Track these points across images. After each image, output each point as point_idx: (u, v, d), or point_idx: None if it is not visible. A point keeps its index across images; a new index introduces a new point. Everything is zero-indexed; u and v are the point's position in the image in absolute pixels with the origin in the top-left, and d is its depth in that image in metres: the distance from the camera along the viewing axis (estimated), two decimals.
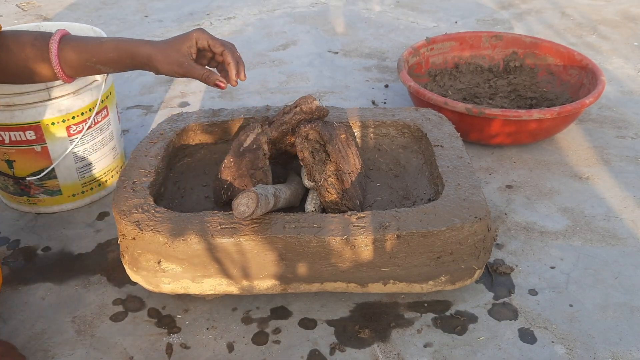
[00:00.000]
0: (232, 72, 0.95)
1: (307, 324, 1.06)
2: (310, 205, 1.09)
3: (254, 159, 1.09)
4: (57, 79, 0.95)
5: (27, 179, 1.29)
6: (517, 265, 1.18)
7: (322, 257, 0.97)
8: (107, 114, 1.35)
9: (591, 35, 2.35)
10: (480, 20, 2.53)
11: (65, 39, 0.93)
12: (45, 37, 0.93)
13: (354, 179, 1.10)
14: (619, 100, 1.84)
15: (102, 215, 1.34)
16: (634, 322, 1.05)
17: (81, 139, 1.29)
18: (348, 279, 1.00)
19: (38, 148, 1.25)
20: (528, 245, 1.24)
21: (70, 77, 0.96)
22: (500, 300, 1.10)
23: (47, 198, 1.33)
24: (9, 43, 0.92)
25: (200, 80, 0.94)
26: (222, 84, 0.94)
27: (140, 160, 1.14)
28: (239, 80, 0.96)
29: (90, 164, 1.33)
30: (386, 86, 1.94)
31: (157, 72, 0.94)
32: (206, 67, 0.99)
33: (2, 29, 0.95)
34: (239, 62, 0.96)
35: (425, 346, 1.01)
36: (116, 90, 1.63)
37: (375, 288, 1.02)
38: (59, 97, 1.21)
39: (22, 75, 0.95)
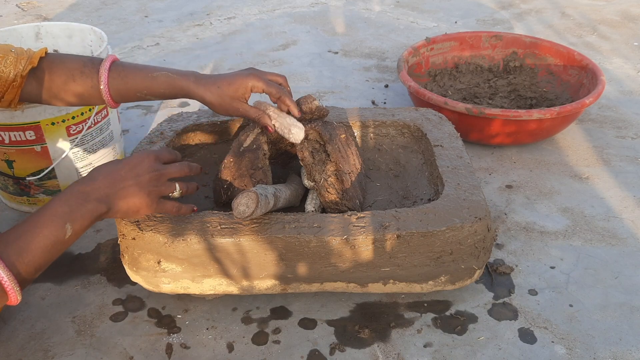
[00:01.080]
0: (295, 112, 1.04)
1: (307, 324, 1.06)
2: (310, 205, 1.09)
3: (254, 159, 1.09)
4: (104, 104, 0.97)
5: (27, 179, 1.29)
6: (517, 265, 1.18)
7: (322, 257, 0.97)
8: (107, 114, 1.35)
9: (591, 35, 2.35)
10: (480, 20, 2.53)
11: (116, 66, 0.94)
12: (95, 63, 0.94)
13: (354, 179, 1.10)
14: (618, 100, 1.84)
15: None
16: (634, 322, 1.05)
17: (81, 139, 1.29)
18: (348, 279, 1.00)
19: (38, 148, 1.25)
20: (528, 245, 1.24)
21: (117, 103, 0.98)
22: (500, 300, 1.10)
23: (47, 198, 1.33)
24: (55, 68, 0.93)
25: (253, 121, 1.02)
26: (271, 129, 1.03)
27: None
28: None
29: (90, 164, 1.33)
30: (386, 86, 1.94)
31: (211, 109, 0.99)
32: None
33: (48, 52, 0.95)
34: (291, 100, 1.03)
35: (425, 346, 1.01)
36: None
37: (375, 288, 1.02)
38: None
39: (67, 99, 0.96)
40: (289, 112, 1.05)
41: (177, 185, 0.87)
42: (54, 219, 0.74)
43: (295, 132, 1.04)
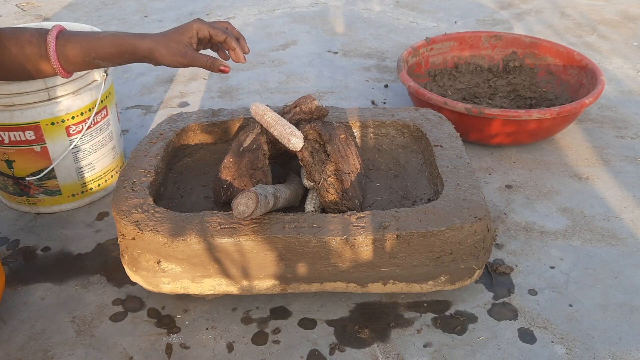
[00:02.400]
0: (240, 55, 0.97)
1: (307, 324, 1.06)
2: (310, 205, 1.09)
3: (254, 159, 1.09)
4: (56, 74, 0.96)
5: (27, 179, 1.29)
6: (516, 265, 1.18)
7: (322, 257, 0.97)
8: (107, 114, 1.35)
9: (591, 35, 2.35)
10: (480, 20, 2.53)
11: (63, 34, 0.94)
12: (43, 33, 0.93)
13: (353, 179, 1.10)
14: (618, 100, 1.84)
15: (102, 215, 1.34)
16: (634, 322, 1.05)
17: (81, 139, 1.29)
18: (348, 279, 1.00)
19: (38, 148, 1.25)
20: (528, 245, 1.24)
21: (68, 72, 0.96)
22: (500, 300, 1.10)
23: (46, 198, 1.33)
24: (6, 41, 0.92)
25: (205, 67, 0.95)
26: (226, 69, 0.96)
27: (139, 160, 1.14)
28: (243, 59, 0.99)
29: (89, 164, 1.33)
30: (386, 86, 1.94)
31: (158, 64, 0.95)
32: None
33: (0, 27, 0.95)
34: (239, 39, 0.99)
35: (425, 346, 1.01)
36: (116, 90, 1.64)
37: (375, 288, 1.02)
38: (58, 97, 1.21)
39: (21, 72, 0.95)
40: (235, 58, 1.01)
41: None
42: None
43: (295, 142, 1.04)
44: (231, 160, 1.11)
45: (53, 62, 0.92)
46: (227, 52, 0.99)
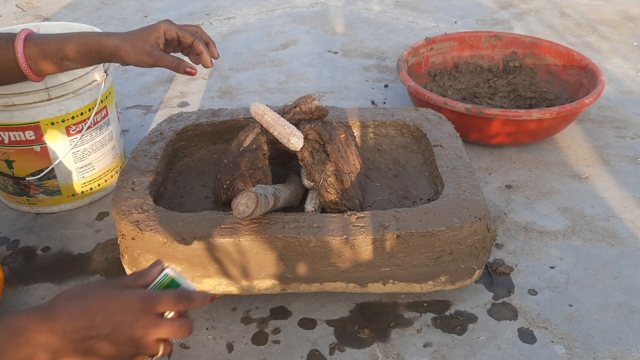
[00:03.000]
0: (207, 59, 0.96)
1: (307, 324, 1.06)
2: (310, 205, 1.09)
3: (254, 159, 1.09)
4: (26, 79, 0.95)
5: (27, 179, 1.29)
6: (516, 265, 1.18)
7: (322, 257, 0.97)
8: (107, 114, 1.35)
9: (591, 35, 2.35)
10: (480, 20, 2.53)
11: (31, 37, 0.93)
12: (11, 37, 0.93)
13: (353, 179, 1.10)
14: (618, 100, 1.84)
15: (102, 215, 1.34)
16: (634, 322, 1.05)
17: (80, 139, 1.29)
18: (348, 278, 1.00)
19: (37, 148, 1.25)
20: (527, 245, 1.24)
21: (38, 76, 0.96)
22: (500, 300, 1.10)
23: (46, 198, 1.33)
24: None
25: (170, 68, 0.94)
26: (192, 71, 0.94)
27: (139, 160, 1.14)
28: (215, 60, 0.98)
29: (89, 164, 1.33)
30: (386, 86, 1.94)
31: (125, 63, 0.94)
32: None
33: None
34: (209, 43, 0.97)
35: (425, 346, 1.01)
36: (116, 90, 1.64)
37: (375, 288, 1.02)
38: (58, 97, 1.21)
39: None
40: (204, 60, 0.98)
41: (161, 347, 0.60)
42: None
43: (295, 142, 1.04)
44: (231, 160, 1.11)
45: (22, 65, 0.92)
46: (196, 56, 0.97)
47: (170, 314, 0.61)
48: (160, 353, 0.60)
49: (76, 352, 0.56)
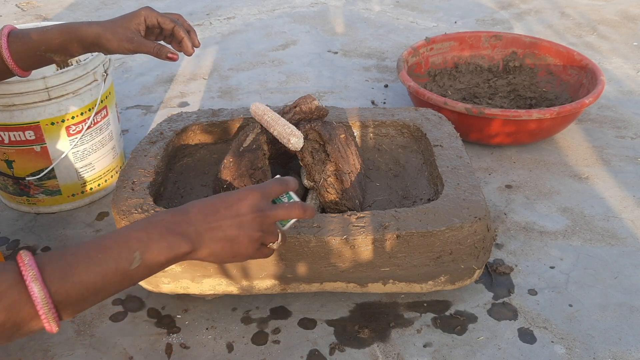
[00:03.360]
0: (187, 45, 0.97)
1: (307, 324, 1.06)
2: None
3: (254, 159, 1.09)
4: (12, 74, 0.95)
5: (27, 179, 1.29)
6: (516, 265, 1.18)
7: (322, 257, 0.97)
8: (107, 114, 1.35)
9: (591, 35, 2.35)
10: (480, 20, 2.53)
11: (14, 33, 0.93)
12: None
13: (353, 179, 1.10)
14: (618, 100, 1.84)
15: (102, 215, 1.34)
16: (634, 322, 1.05)
17: (80, 139, 1.29)
18: (348, 278, 1.00)
19: (37, 148, 1.25)
20: (527, 245, 1.24)
21: (25, 71, 0.96)
22: (500, 300, 1.10)
23: (46, 198, 1.33)
24: None
25: (152, 54, 0.94)
26: (174, 56, 0.95)
27: (139, 160, 1.14)
28: (195, 49, 0.99)
29: (89, 164, 1.33)
30: (386, 86, 1.94)
31: (107, 52, 0.94)
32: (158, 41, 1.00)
33: None
34: (190, 31, 0.98)
35: (425, 346, 1.01)
36: (116, 90, 1.64)
37: (375, 288, 1.02)
38: (58, 97, 1.21)
39: None
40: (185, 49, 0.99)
41: (280, 234, 0.71)
42: (121, 243, 0.60)
43: (295, 142, 1.04)
44: (231, 160, 1.11)
45: (7, 61, 0.92)
46: (178, 43, 0.98)
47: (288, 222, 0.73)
48: (279, 239, 0.71)
49: (211, 241, 0.64)
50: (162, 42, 0.99)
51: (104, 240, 0.60)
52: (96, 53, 1.27)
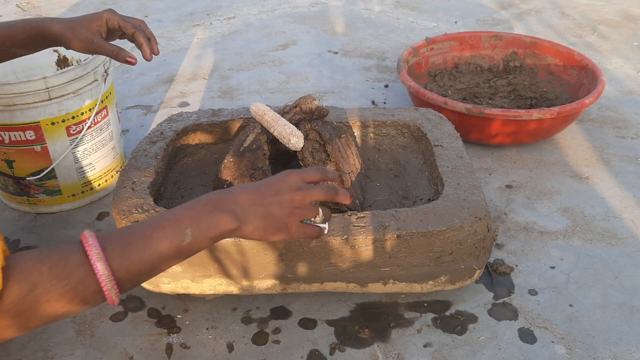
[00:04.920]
0: (146, 51, 0.98)
1: (307, 324, 1.06)
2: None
3: (254, 159, 1.09)
4: None
5: (27, 179, 1.29)
6: (517, 265, 1.18)
7: (322, 257, 0.97)
8: (107, 114, 1.35)
9: (591, 35, 2.35)
10: (480, 20, 2.53)
11: None
12: None
13: (353, 179, 1.10)
14: (618, 100, 1.84)
15: (102, 215, 1.34)
16: (634, 322, 1.05)
17: (81, 139, 1.29)
18: (348, 278, 1.00)
19: (38, 148, 1.25)
20: (528, 245, 1.24)
21: None
22: (500, 300, 1.10)
23: (47, 198, 1.33)
24: None
25: (111, 57, 0.96)
26: (132, 60, 0.96)
27: (140, 160, 1.14)
28: (154, 56, 0.99)
29: (90, 164, 1.33)
30: (386, 86, 1.94)
31: (68, 48, 0.96)
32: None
33: None
34: (150, 39, 0.99)
35: (425, 346, 1.01)
36: (116, 90, 1.64)
37: (375, 288, 1.02)
38: (58, 97, 1.21)
39: None
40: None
41: (320, 210, 0.75)
42: (173, 222, 0.64)
43: (295, 142, 1.04)
44: (231, 160, 1.11)
45: None
46: (138, 48, 0.99)
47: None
48: (320, 214, 0.74)
49: (255, 217, 0.69)
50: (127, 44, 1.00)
51: (158, 220, 0.65)
52: None
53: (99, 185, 1.38)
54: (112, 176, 1.41)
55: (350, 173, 1.09)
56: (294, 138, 1.04)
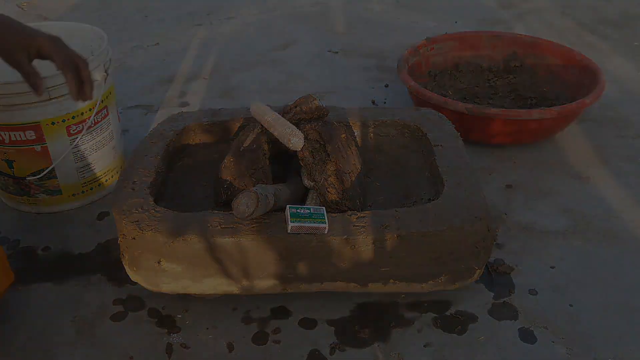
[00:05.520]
0: (71, 90, 0.91)
1: (307, 323, 1.06)
2: (311, 205, 1.09)
3: (254, 158, 1.09)
4: None
5: (27, 178, 1.29)
6: (517, 265, 1.18)
7: (322, 256, 0.97)
8: (107, 114, 1.35)
9: (591, 35, 2.35)
10: (480, 20, 2.52)
11: None
12: None
13: (354, 178, 1.10)
14: (619, 100, 1.84)
15: (102, 215, 1.34)
16: (634, 322, 1.05)
17: (81, 138, 1.29)
18: (348, 278, 1.00)
19: (38, 148, 1.25)
20: (528, 245, 1.24)
21: None
22: (500, 300, 1.10)
23: (47, 198, 1.33)
24: None
25: (22, 77, 0.91)
26: (38, 91, 0.91)
27: (140, 160, 1.14)
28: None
29: (90, 163, 1.33)
30: (386, 86, 1.94)
31: None
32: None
33: None
34: (84, 82, 0.92)
35: (425, 346, 1.01)
36: (116, 90, 1.63)
37: (376, 288, 1.02)
38: (58, 97, 1.21)
39: None
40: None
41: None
42: None
43: (295, 142, 1.04)
44: (231, 160, 1.11)
45: None
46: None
47: None
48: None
49: None
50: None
51: None
52: (97, 52, 1.27)
53: (99, 185, 1.38)
54: (112, 176, 1.41)
55: (351, 173, 1.09)
56: (294, 138, 1.04)
